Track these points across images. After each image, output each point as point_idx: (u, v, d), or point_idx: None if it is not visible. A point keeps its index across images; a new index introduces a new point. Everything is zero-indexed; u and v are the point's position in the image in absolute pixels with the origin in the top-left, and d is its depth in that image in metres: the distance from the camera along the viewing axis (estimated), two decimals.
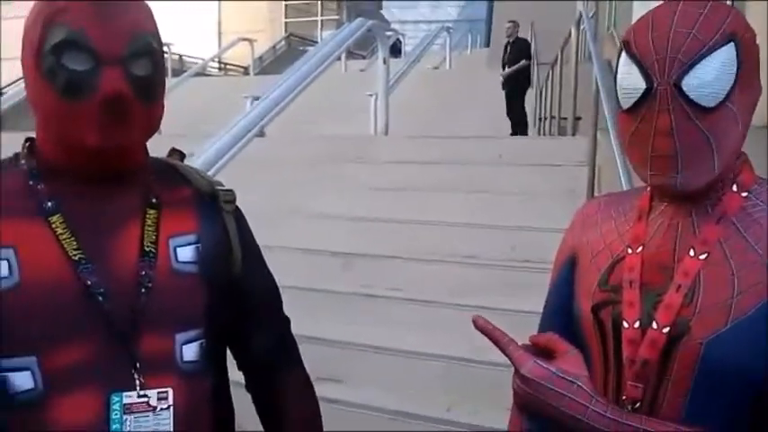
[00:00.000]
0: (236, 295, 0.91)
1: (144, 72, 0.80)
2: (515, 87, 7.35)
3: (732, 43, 0.75)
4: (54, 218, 0.80)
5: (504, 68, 7.53)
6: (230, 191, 0.97)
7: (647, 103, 0.77)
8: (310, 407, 1.02)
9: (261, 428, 1.04)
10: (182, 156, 0.89)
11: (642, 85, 0.77)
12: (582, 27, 4.90)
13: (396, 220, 3.60)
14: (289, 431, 0.98)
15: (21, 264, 0.77)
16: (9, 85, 11.13)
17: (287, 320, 1.04)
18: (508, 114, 7.25)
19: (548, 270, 1.05)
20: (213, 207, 0.92)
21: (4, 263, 0.76)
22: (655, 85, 0.76)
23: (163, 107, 0.87)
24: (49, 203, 0.81)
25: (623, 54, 0.80)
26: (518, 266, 3.04)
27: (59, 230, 0.80)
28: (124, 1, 0.80)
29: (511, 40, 7.61)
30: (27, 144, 0.86)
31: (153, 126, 0.85)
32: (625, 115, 0.81)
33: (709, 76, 0.74)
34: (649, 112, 0.77)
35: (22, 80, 0.84)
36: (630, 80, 0.78)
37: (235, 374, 0.99)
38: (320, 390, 1.08)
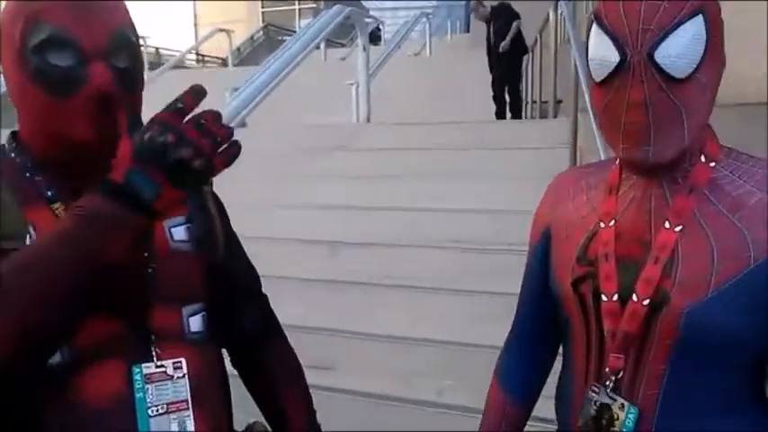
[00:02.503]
0: (221, 272, 0.96)
1: (125, 64, 0.82)
2: (510, 60, 6.68)
3: (701, 15, 0.77)
4: (56, 205, 0.83)
5: (490, 45, 6.85)
6: None
7: (620, 74, 0.78)
8: (296, 370, 1.08)
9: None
10: None
11: (615, 57, 0.78)
12: (560, 11, 4.92)
13: (380, 207, 3.61)
14: (275, 388, 1.05)
15: None
16: None
17: (265, 296, 1.10)
18: (499, 96, 6.68)
19: None
20: (195, 190, 0.95)
21: (28, 240, 0.79)
22: (628, 56, 0.77)
23: (141, 99, 0.89)
24: (49, 192, 0.83)
25: (594, 26, 0.81)
26: (503, 250, 3.06)
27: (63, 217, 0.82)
28: None
29: (484, 19, 7.01)
30: (12, 137, 0.88)
31: (136, 116, 0.86)
32: (598, 88, 0.82)
33: (681, 47, 0.76)
34: (622, 84, 0.78)
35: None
36: (603, 52, 0.79)
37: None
38: (311, 377, 1.11)
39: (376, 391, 2.53)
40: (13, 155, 0.86)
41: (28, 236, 0.80)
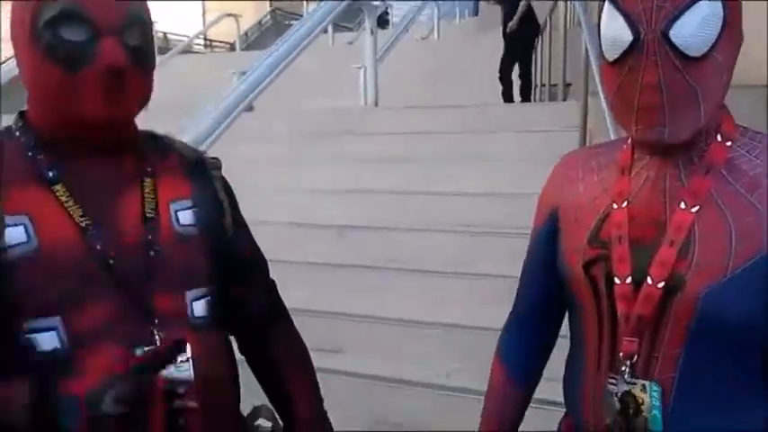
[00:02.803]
0: (228, 257, 0.95)
1: (138, 42, 0.82)
2: (520, 39, 6.39)
3: None
4: (57, 186, 0.82)
5: (505, 24, 6.54)
6: (216, 159, 1.01)
7: (634, 54, 0.76)
8: (303, 356, 1.08)
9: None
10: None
11: (628, 35, 0.76)
12: None
13: (389, 190, 3.60)
14: (280, 372, 1.04)
15: (36, 229, 0.79)
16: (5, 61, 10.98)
17: (273, 282, 1.09)
18: (505, 76, 6.45)
19: None
20: (202, 173, 0.97)
21: (21, 228, 0.78)
22: (642, 35, 0.75)
23: (153, 78, 0.88)
24: (50, 173, 0.83)
25: (607, 4, 0.79)
26: (513, 233, 3.04)
27: (64, 198, 0.82)
28: None
29: None
30: (19, 118, 0.87)
31: (147, 96, 0.87)
32: (610, 67, 0.79)
33: (697, 25, 0.73)
34: (636, 64, 0.75)
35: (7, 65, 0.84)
36: (615, 31, 0.77)
37: None
38: (319, 361, 1.11)
39: (383, 374, 2.54)
40: (18, 134, 0.85)
41: (21, 226, 0.78)
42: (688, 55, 0.74)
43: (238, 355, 1.03)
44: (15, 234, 0.78)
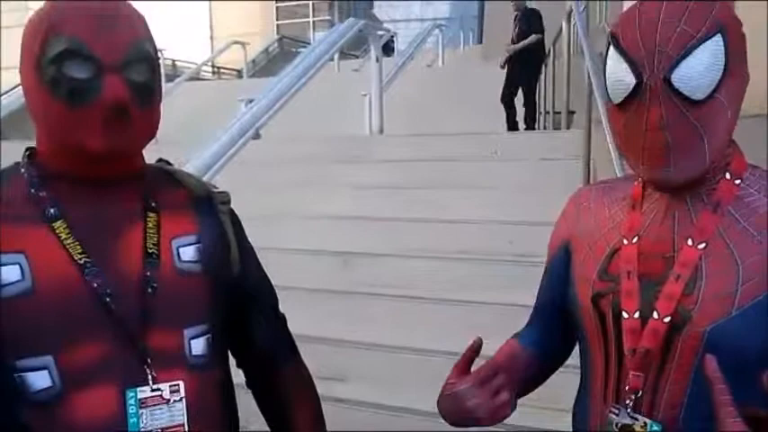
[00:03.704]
0: (236, 292, 0.94)
1: (142, 78, 0.83)
2: (525, 67, 6.35)
3: (719, 34, 0.75)
4: (57, 223, 0.82)
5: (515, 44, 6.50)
6: (225, 193, 1.00)
7: (638, 97, 0.77)
8: (311, 394, 1.06)
9: (265, 428, 1.06)
10: (168, 164, 0.96)
11: (632, 79, 0.77)
12: (573, 22, 4.92)
13: (394, 218, 3.61)
14: (292, 419, 1.02)
15: (32, 268, 0.79)
16: (7, 92, 11.13)
17: (283, 316, 1.07)
18: (507, 102, 6.36)
19: (545, 264, 1.05)
20: (209, 208, 0.96)
21: (16, 267, 0.79)
22: (644, 79, 0.76)
23: (159, 112, 0.89)
24: (52, 210, 0.83)
25: (611, 48, 0.80)
26: (517, 261, 3.05)
27: (63, 236, 0.82)
28: (120, 10, 0.83)
29: (517, 12, 6.59)
30: (27, 153, 0.88)
31: (152, 130, 0.88)
32: (616, 109, 0.81)
33: (699, 69, 0.74)
34: (640, 107, 0.77)
35: (15, 91, 0.86)
36: (620, 74, 0.78)
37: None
38: (323, 389, 1.10)
39: (388, 403, 2.52)
40: (23, 170, 0.86)
41: (16, 265, 0.78)
42: (691, 98, 0.75)
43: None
44: (10, 273, 0.78)
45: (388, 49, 12.14)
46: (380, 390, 2.58)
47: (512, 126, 6.42)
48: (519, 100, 6.57)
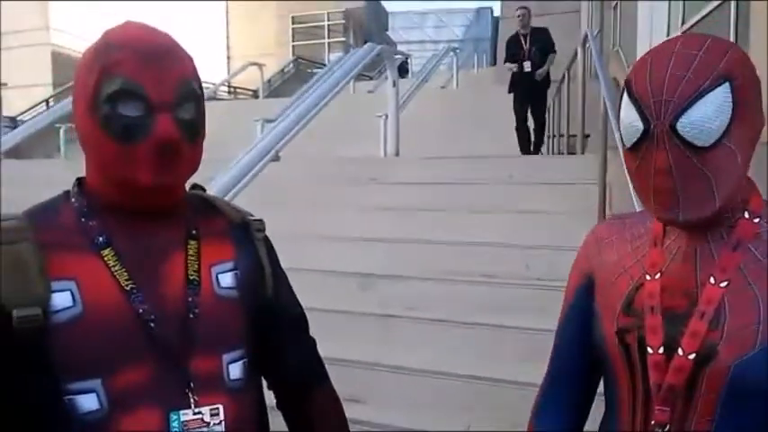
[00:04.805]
0: (269, 317, 0.97)
1: (189, 116, 0.87)
2: (539, 87, 6.32)
3: (727, 83, 0.78)
4: (106, 251, 0.86)
5: (519, 63, 6.38)
6: (260, 220, 1.04)
7: (647, 142, 0.81)
8: (339, 420, 1.09)
9: None
10: (202, 189, 1.00)
11: (641, 125, 0.81)
12: (587, 46, 4.96)
13: (410, 240, 3.64)
14: None
15: (82, 294, 0.83)
16: (22, 113, 11.35)
17: (313, 340, 1.10)
18: (521, 127, 6.35)
19: (562, 288, 1.07)
20: (246, 236, 0.99)
21: (68, 294, 0.82)
22: (652, 126, 0.80)
23: (203, 147, 0.93)
24: (101, 238, 0.87)
25: (625, 95, 0.84)
26: (533, 285, 3.06)
27: (111, 263, 0.85)
28: (171, 50, 0.87)
29: (524, 32, 6.47)
30: (77, 183, 0.93)
31: (197, 164, 0.92)
32: (628, 153, 0.85)
33: (704, 118, 0.78)
34: (649, 151, 0.81)
35: (38, 108, 0.89)
36: (631, 120, 0.83)
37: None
38: None
39: (407, 426, 2.53)
40: (73, 199, 0.90)
41: (68, 291, 0.82)
42: (695, 144, 0.78)
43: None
44: (61, 299, 0.81)
45: (402, 70, 12.26)
46: (399, 412, 2.60)
47: (525, 151, 6.42)
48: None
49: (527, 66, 6.38)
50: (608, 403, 0.98)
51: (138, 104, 0.83)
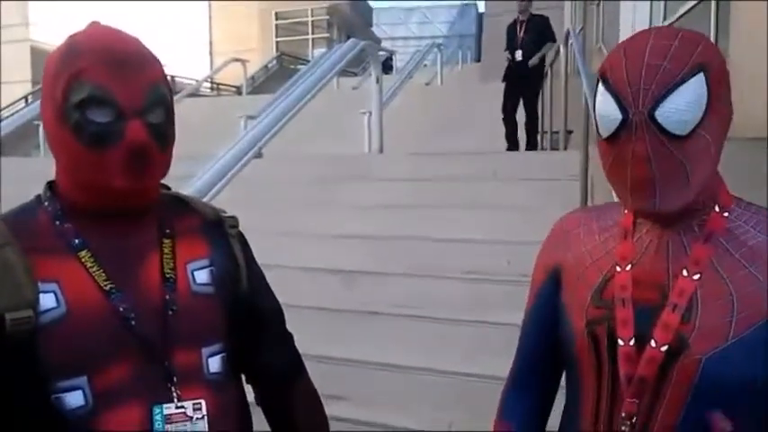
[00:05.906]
0: (245, 312, 0.99)
1: (159, 120, 0.88)
2: (528, 79, 6.02)
3: (702, 73, 0.79)
4: (82, 253, 0.87)
5: (511, 52, 6.12)
6: (234, 217, 1.06)
7: (624, 132, 0.81)
8: (319, 414, 1.12)
9: None
10: (167, 189, 1.03)
11: (618, 115, 0.81)
12: (570, 42, 4.99)
13: (394, 237, 3.64)
14: (296, 429, 1.07)
15: (65, 295, 0.84)
16: (1, 110, 11.19)
17: (291, 335, 1.12)
18: (505, 115, 6.07)
19: None
20: (220, 232, 1.01)
21: (52, 295, 0.84)
22: (630, 115, 0.80)
23: (172, 149, 0.94)
24: (76, 241, 0.88)
25: (600, 85, 0.84)
26: (515, 281, 3.07)
27: (89, 264, 0.87)
28: (139, 53, 0.87)
29: (523, 18, 6.18)
30: (48, 187, 0.93)
31: (168, 166, 0.93)
32: (604, 143, 0.85)
33: (681, 106, 0.78)
34: (626, 141, 0.81)
35: (17, 105, 0.89)
36: (608, 110, 0.82)
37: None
38: (325, 408, 1.12)
39: (389, 423, 2.53)
40: (46, 203, 0.91)
41: (52, 293, 0.83)
42: (674, 133, 0.79)
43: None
44: (46, 300, 0.83)
45: (386, 67, 12.24)
46: (381, 410, 2.59)
47: (512, 142, 6.26)
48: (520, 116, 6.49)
49: (518, 54, 6.14)
50: (569, 398, 0.98)
51: (107, 111, 0.84)
